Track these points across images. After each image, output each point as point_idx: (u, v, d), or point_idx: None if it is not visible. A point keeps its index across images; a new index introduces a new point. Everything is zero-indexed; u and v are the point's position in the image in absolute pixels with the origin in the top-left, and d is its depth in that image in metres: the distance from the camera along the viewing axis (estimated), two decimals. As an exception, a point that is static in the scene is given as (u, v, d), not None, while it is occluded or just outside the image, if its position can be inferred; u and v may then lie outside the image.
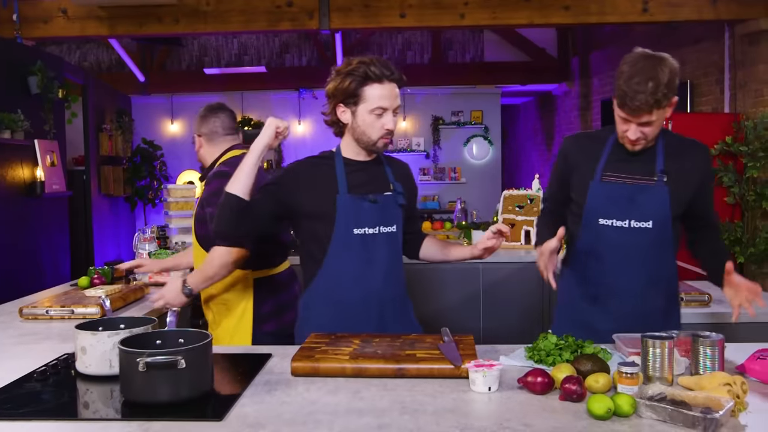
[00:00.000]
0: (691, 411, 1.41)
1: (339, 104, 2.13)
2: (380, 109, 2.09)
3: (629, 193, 2.14)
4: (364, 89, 2.08)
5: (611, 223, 2.15)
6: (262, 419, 1.49)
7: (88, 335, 1.78)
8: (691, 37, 6.15)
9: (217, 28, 5.71)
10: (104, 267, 3.30)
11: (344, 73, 2.09)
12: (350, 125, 2.14)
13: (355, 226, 2.12)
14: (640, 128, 2.04)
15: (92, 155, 7.43)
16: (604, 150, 2.19)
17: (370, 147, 2.15)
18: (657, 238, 2.14)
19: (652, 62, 1.99)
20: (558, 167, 2.34)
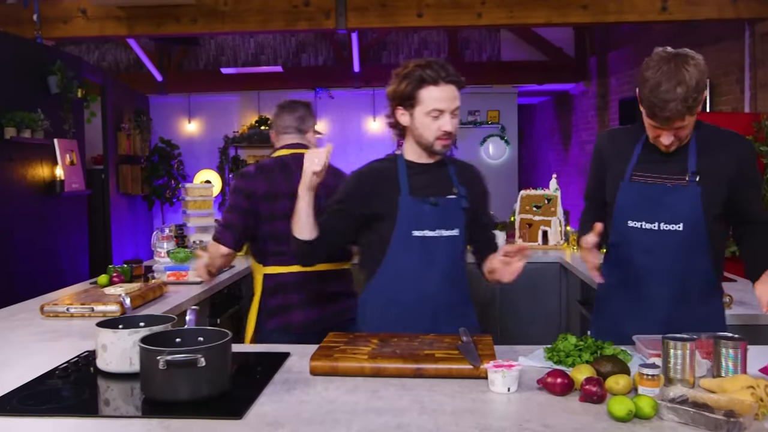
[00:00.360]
0: (714, 414, 1.40)
1: (398, 107, 2.16)
2: (436, 111, 2.09)
3: (658, 193, 2.07)
4: (419, 92, 2.10)
5: (640, 225, 2.09)
6: (281, 418, 1.49)
7: (108, 333, 1.79)
8: (710, 36, 6.09)
9: (234, 27, 5.74)
10: (123, 265, 3.32)
11: (401, 76, 2.12)
12: (409, 128, 2.17)
13: (415, 228, 2.14)
14: (675, 132, 1.98)
15: (111, 154, 7.49)
16: (636, 148, 2.13)
17: (429, 149, 2.16)
18: (688, 241, 2.06)
19: (677, 63, 1.90)
20: (594, 164, 2.30)
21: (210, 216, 4.86)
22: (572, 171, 9.84)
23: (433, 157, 2.20)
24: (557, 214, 4.60)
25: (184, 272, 3.35)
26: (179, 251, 3.50)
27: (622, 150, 2.16)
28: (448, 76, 2.10)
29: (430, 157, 2.20)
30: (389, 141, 9.53)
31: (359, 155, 9.50)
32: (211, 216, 4.87)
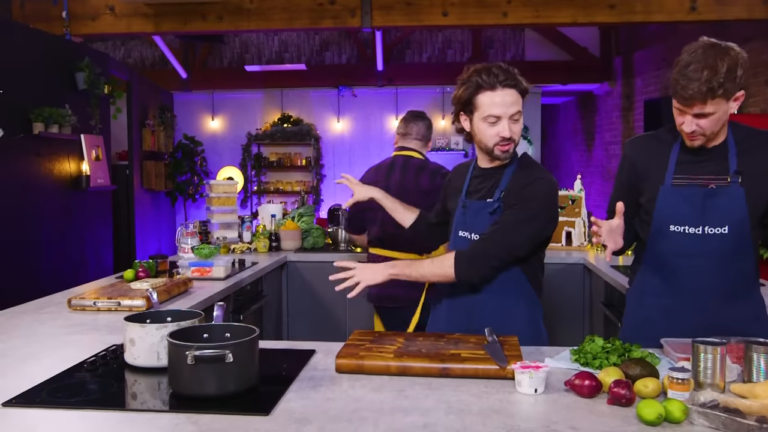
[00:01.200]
0: (746, 419, 1.38)
1: (460, 113, 2.19)
2: (492, 117, 2.09)
3: (702, 197, 2.00)
4: (476, 98, 2.11)
5: (683, 229, 2.03)
6: (309, 415, 1.49)
7: (137, 327, 1.81)
8: (739, 36, 6.00)
9: (259, 25, 5.76)
10: (149, 260, 3.35)
11: (461, 81, 2.15)
12: (471, 132, 2.20)
13: (461, 228, 2.25)
14: (696, 120, 1.93)
15: (135, 150, 7.56)
16: (672, 151, 2.07)
17: (489, 153, 2.17)
18: (734, 245, 2.00)
19: (714, 51, 1.87)
20: (624, 173, 2.22)
21: (233, 212, 4.88)
22: (595, 172, 9.76)
23: (494, 161, 2.21)
24: (581, 215, 4.57)
25: (208, 268, 3.37)
26: (203, 247, 3.52)
27: (657, 155, 2.10)
28: (506, 80, 2.07)
29: (491, 161, 2.22)
30: (411, 140, 9.53)
31: (381, 154, 9.49)
32: (234, 212, 4.89)
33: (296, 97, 9.66)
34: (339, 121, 9.62)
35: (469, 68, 2.14)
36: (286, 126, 9.41)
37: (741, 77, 1.89)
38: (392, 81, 9.23)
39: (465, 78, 2.12)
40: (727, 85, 1.86)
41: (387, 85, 9.25)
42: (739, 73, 1.87)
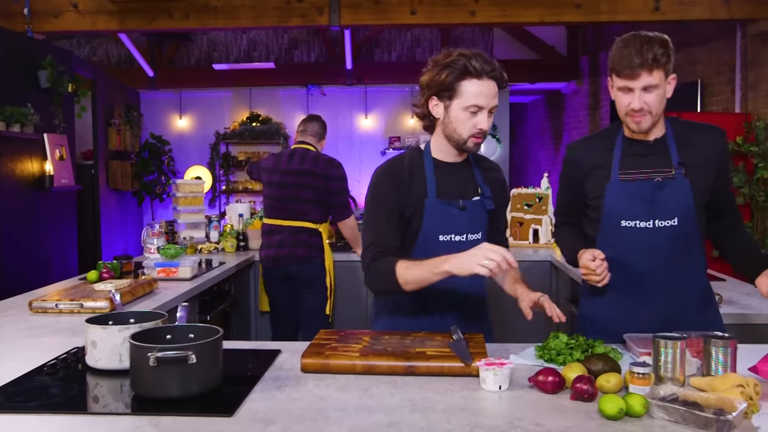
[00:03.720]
0: (704, 412, 1.40)
1: (432, 96, 2.02)
2: (475, 107, 1.97)
3: (650, 190, 2.04)
4: (460, 83, 1.97)
5: (635, 224, 2.05)
6: (272, 415, 1.48)
7: (98, 329, 1.78)
8: (702, 36, 6.12)
9: (227, 23, 5.71)
10: (113, 261, 3.31)
11: (442, 64, 1.98)
12: (441, 120, 2.04)
13: (441, 233, 2.05)
14: (643, 96, 1.96)
15: (101, 150, 7.45)
16: (615, 148, 2.10)
17: (460, 145, 2.03)
18: (684, 235, 2.04)
19: (642, 35, 1.96)
20: (568, 176, 2.23)
21: (200, 212, 4.84)
22: (563, 170, 9.86)
23: (461, 155, 2.10)
24: (548, 213, 4.61)
25: (174, 269, 3.34)
26: (169, 247, 3.49)
27: (600, 153, 2.13)
28: (493, 70, 1.98)
29: (459, 155, 2.10)
30: (381, 138, 9.55)
31: (350, 153, 9.51)
32: (201, 212, 4.85)
33: (265, 96, 9.60)
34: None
35: (451, 52, 1.99)
36: (255, 125, 9.35)
37: (672, 57, 1.97)
38: (361, 80, 9.22)
39: (449, 61, 1.97)
40: (665, 57, 1.94)
41: (356, 84, 9.24)
42: (671, 50, 1.97)
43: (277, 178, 4.02)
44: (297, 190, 3.97)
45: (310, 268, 3.97)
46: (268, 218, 4.12)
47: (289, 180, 3.98)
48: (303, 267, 3.96)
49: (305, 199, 3.97)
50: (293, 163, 4.01)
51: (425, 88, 2.04)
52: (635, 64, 1.93)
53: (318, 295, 4.00)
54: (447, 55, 2.00)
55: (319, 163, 4.00)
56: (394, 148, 9.41)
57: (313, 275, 3.98)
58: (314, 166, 3.98)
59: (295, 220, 3.99)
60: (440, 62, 2.00)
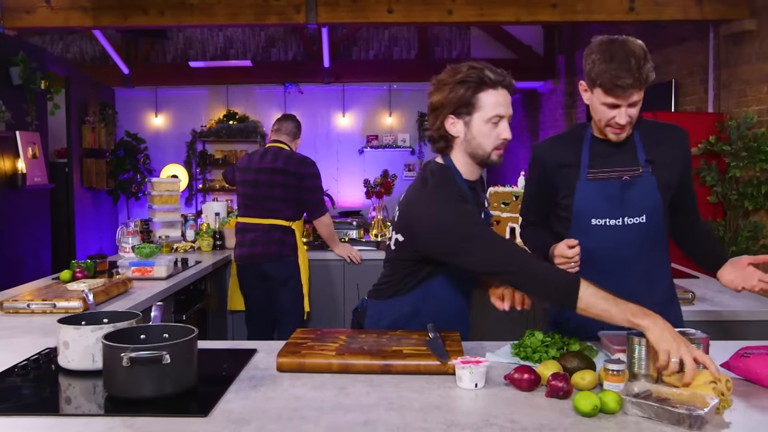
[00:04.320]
0: (677, 408, 1.42)
1: (449, 115, 1.94)
2: (497, 116, 1.92)
3: (619, 188, 2.06)
4: (479, 96, 1.91)
5: (605, 222, 2.07)
6: (248, 415, 1.48)
7: (70, 329, 1.76)
8: (676, 36, 6.19)
9: (203, 20, 5.66)
10: (87, 260, 3.27)
11: (455, 81, 1.91)
12: (462, 138, 1.96)
13: None
14: (628, 110, 1.97)
15: (75, 148, 7.36)
16: (583, 147, 2.11)
17: (485, 160, 1.97)
18: (652, 232, 2.07)
19: (621, 43, 1.94)
20: (535, 176, 2.23)
21: (176, 211, 4.80)
22: (540, 168, 9.92)
23: (479, 174, 2.05)
24: (525, 211, 4.63)
25: (149, 268, 3.31)
26: (144, 246, 3.45)
27: (568, 152, 2.13)
28: (504, 80, 1.94)
29: (478, 174, 2.05)
30: (358, 136, 9.54)
31: (328, 151, 9.49)
32: (177, 211, 4.81)
33: (242, 94, 9.54)
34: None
35: (460, 68, 1.93)
36: (232, 123, 9.29)
37: (650, 60, 1.96)
38: (339, 78, 9.20)
39: (462, 77, 1.91)
40: (649, 70, 1.93)
41: (334, 82, 9.22)
42: (648, 57, 1.95)
43: (251, 177, 4.03)
44: (270, 188, 3.97)
45: (283, 266, 3.98)
46: (242, 217, 4.11)
47: (262, 178, 3.99)
48: (276, 265, 3.96)
49: (278, 197, 3.97)
50: (266, 161, 4.02)
51: (439, 109, 1.96)
52: (627, 85, 1.90)
53: (292, 293, 3.99)
54: (456, 71, 1.93)
55: (291, 161, 4.01)
56: (372, 146, 9.41)
57: (286, 273, 3.98)
58: (287, 165, 3.98)
59: (268, 218, 3.99)
60: (451, 80, 1.93)
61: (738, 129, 5.05)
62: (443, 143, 2.00)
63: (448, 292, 2.08)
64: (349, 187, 9.35)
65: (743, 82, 5.28)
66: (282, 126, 4.21)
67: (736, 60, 5.39)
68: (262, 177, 3.98)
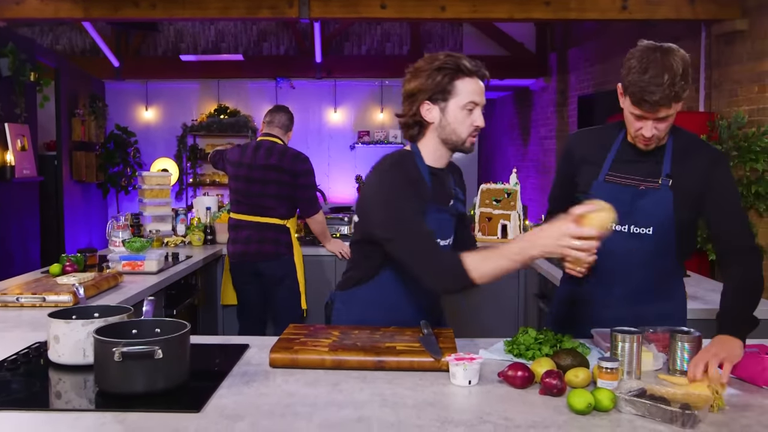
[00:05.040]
0: (670, 406, 1.42)
1: (425, 101, 1.97)
2: (472, 104, 1.97)
3: (631, 196, 2.03)
4: (455, 83, 1.95)
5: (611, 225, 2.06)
6: (241, 411, 1.47)
7: (61, 324, 1.74)
8: (668, 35, 6.19)
9: (194, 14, 5.63)
10: (77, 254, 3.24)
11: (432, 67, 1.95)
12: (437, 124, 1.99)
13: (438, 238, 1.98)
14: (656, 124, 1.92)
15: (64, 140, 7.31)
16: (612, 148, 2.09)
17: (458, 146, 2.02)
18: (657, 245, 2.02)
19: (662, 53, 1.86)
20: (563, 165, 2.22)
21: (167, 205, 4.77)
22: (531, 166, 9.94)
23: (447, 160, 2.08)
24: (517, 208, 4.64)
25: (139, 262, 3.29)
26: (135, 240, 3.43)
27: (596, 150, 2.12)
28: (480, 70, 1.99)
29: (446, 160, 2.08)
30: (350, 132, 9.52)
31: (320, 146, 9.47)
32: (168, 205, 4.78)
33: (233, 88, 9.50)
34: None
35: (437, 56, 1.97)
36: (223, 117, 9.25)
37: (691, 75, 1.90)
38: (331, 73, 9.17)
39: (440, 64, 1.94)
40: (685, 86, 1.86)
41: (326, 77, 9.19)
42: (689, 70, 1.89)
43: (243, 172, 3.93)
44: (263, 185, 3.89)
45: (279, 265, 3.93)
46: (235, 213, 4.04)
47: (256, 175, 3.90)
48: (272, 264, 3.92)
49: (271, 195, 3.90)
50: (259, 157, 3.92)
51: (417, 94, 1.98)
52: (654, 101, 1.86)
53: (288, 291, 3.97)
54: (434, 59, 1.97)
55: (285, 157, 3.91)
56: (363, 142, 9.39)
57: (282, 272, 3.94)
58: (281, 161, 3.89)
59: (262, 216, 3.93)
60: (428, 67, 1.96)
61: (729, 128, 5.07)
62: (416, 129, 2.03)
63: (409, 279, 2.00)
64: (340, 182, 9.33)
65: (734, 82, 5.30)
66: (274, 118, 4.09)
67: (727, 60, 5.41)
68: (255, 173, 3.89)
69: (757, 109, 5.04)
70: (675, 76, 1.83)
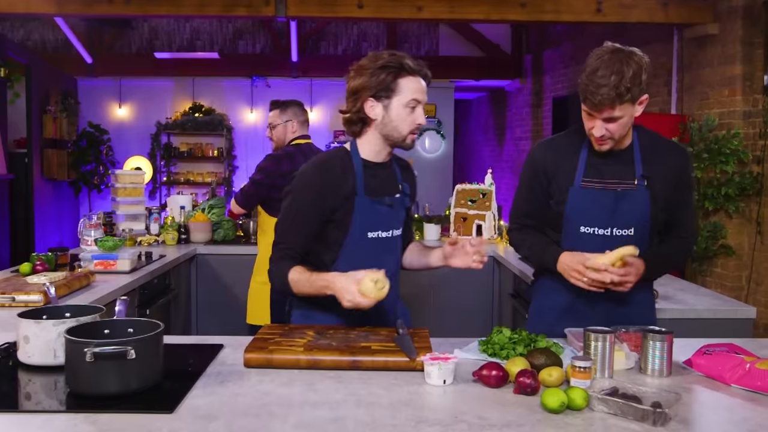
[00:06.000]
0: (642, 405, 1.44)
1: (368, 98, 2.02)
2: (414, 101, 2.03)
3: (611, 199, 2.07)
4: (398, 81, 2.01)
5: (593, 230, 2.08)
6: (215, 411, 1.46)
7: (31, 324, 1.71)
8: (640, 38, 6.27)
9: (169, 11, 5.57)
10: (47, 253, 3.19)
11: (376, 66, 2.01)
12: (379, 121, 2.04)
13: (370, 230, 2.07)
14: (605, 125, 1.97)
15: (35, 138, 7.20)
16: (581, 154, 2.11)
17: (399, 143, 2.07)
18: (638, 245, 2.03)
19: (619, 56, 1.92)
20: (532, 177, 2.21)
21: (140, 204, 4.72)
22: (506, 167, 10.00)
23: (388, 155, 2.13)
24: (492, 209, 4.67)
25: (112, 261, 3.24)
26: (107, 239, 3.38)
27: (566, 157, 2.14)
28: (422, 69, 2.06)
29: (386, 156, 2.12)
30: (326, 131, 9.49)
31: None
32: (141, 204, 4.73)
33: (208, 86, 9.42)
34: (252, 112, 9.46)
35: (381, 55, 2.03)
36: (198, 115, 9.18)
37: (645, 81, 1.94)
38: (307, 72, 9.14)
39: (383, 63, 2.00)
40: (634, 90, 1.91)
41: (301, 76, 9.16)
42: (644, 77, 1.93)
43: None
44: None
45: None
46: None
47: None
48: None
49: None
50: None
51: (360, 91, 2.03)
52: (598, 100, 1.92)
53: None
54: (378, 57, 2.03)
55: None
56: (339, 141, 9.37)
57: None
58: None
59: None
60: (372, 66, 2.02)
61: (700, 131, 5.14)
62: (358, 126, 2.08)
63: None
64: (315, 182, 9.29)
65: (705, 85, 5.39)
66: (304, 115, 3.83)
67: (698, 63, 5.49)
68: None
69: (728, 112, 5.13)
70: (622, 78, 1.88)
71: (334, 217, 2.05)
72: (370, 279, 1.82)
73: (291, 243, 2.06)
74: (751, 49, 5.00)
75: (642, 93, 1.96)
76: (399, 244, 2.21)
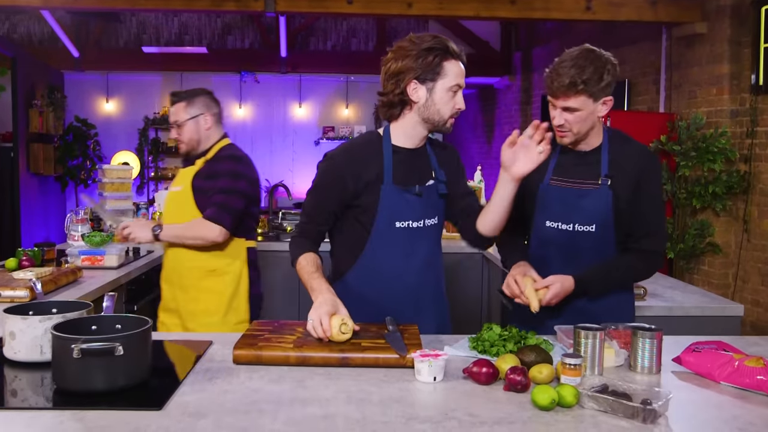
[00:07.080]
0: (632, 402, 1.44)
1: (413, 80, 2.00)
2: (457, 86, 2.04)
3: (574, 196, 2.13)
4: (443, 65, 2.01)
5: (557, 225, 2.15)
6: (203, 408, 1.44)
7: (17, 319, 1.69)
8: (629, 36, 6.30)
9: (157, 5, 5.54)
10: (34, 248, 3.16)
11: (422, 48, 1.99)
12: (422, 103, 2.03)
13: (398, 220, 2.06)
14: (564, 114, 2.04)
15: (21, 132, 7.14)
16: (554, 153, 2.16)
17: (439, 126, 2.07)
18: (599, 242, 2.13)
19: (586, 53, 2.02)
20: None
21: (128, 199, 4.69)
22: (495, 164, 9.98)
23: (422, 140, 2.12)
24: (481, 206, 4.67)
25: (99, 257, 3.22)
26: (95, 235, 3.35)
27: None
28: (462, 55, 2.07)
29: (421, 140, 2.12)
30: (315, 128, 9.47)
31: (284, 141, 9.40)
32: (129, 199, 4.69)
33: (196, 81, 9.32)
34: (241, 107, 9.42)
35: (422, 36, 2.01)
36: (186, 110, 9.12)
37: (608, 83, 2.02)
38: (296, 68, 9.11)
39: (429, 45, 1.98)
40: (590, 84, 1.99)
41: (290, 72, 9.13)
42: (606, 78, 2.01)
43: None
44: None
45: None
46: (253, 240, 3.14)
47: None
48: None
49: None
50: None
51: (403, 73, 2.00)
52: (554, 87, 2.02)
53: None
54: (422, 39, 2.01)
55: None
56: (328, 138, 9.35)
57: None
58: None
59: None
60: (415, 47, 1.99)
61: (688, 129, 5.17)
62: (398, 109, 2.07)
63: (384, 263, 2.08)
64: (304, 178, 9.28)
65: (693, 84, 5.41)
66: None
67: (687, 62, 5.51)
68: None
69: (715, 110, 5.16)
70: (581, 70, 1.98)
71: (359, 203, 2.06)
72: (339, 319, 1.82)
73: (310, 218, 2.11)
74: (739, 48, 5.03)
75: (603, 93, 2.03)
76: (434, 234, 2.16)
